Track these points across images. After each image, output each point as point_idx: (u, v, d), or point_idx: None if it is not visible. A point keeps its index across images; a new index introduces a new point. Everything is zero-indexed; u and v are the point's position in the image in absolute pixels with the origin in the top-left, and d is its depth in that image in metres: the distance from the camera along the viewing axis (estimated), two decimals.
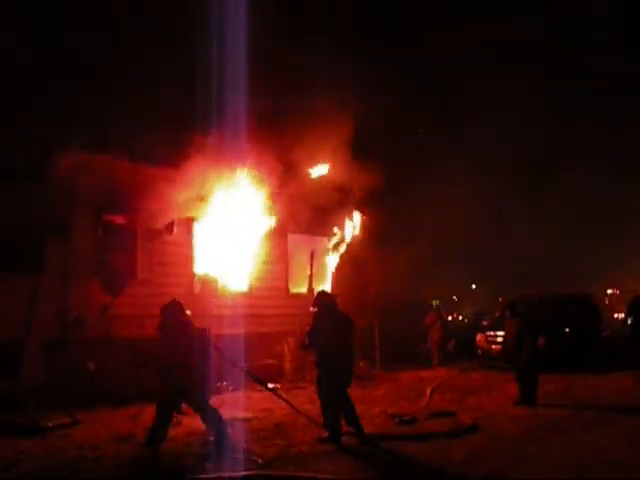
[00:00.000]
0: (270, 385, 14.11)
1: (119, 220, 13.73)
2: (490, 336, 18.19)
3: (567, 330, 17.31)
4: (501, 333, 17.56)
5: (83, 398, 11.40)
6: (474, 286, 45.39)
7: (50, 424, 9.88)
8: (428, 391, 13.42)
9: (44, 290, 11.92)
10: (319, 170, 16.03)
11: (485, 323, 22.86)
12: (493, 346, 17.85)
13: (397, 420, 10.34)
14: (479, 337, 18.93)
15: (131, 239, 13.98)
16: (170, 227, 14.08)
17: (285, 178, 15.02)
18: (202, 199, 13.88)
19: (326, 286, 18.27)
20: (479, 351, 18.71)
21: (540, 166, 41.59)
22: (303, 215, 15.71)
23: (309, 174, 15.94)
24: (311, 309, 9.77)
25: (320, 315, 9.51)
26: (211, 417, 8.82)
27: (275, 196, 14.56)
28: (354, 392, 13.41)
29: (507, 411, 11.25)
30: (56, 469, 7.70)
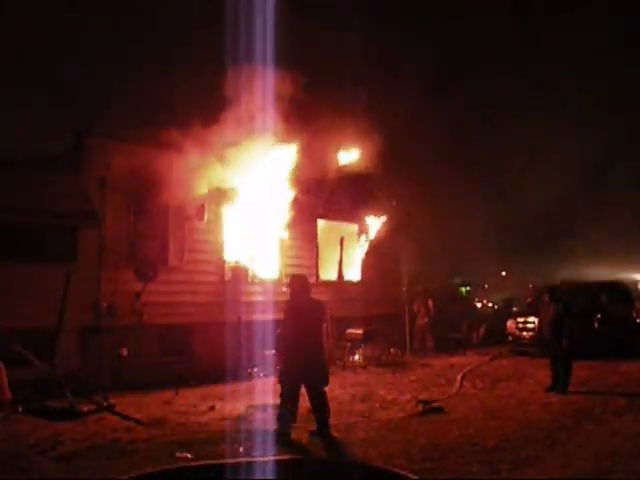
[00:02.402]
0: None
1: (150, 208, 13.81)
2: (521, 322, 18.10)
3: (600, 316, 17.16)
4: (532, 319, 17.51)
5: (116, 384, 11.55)
6: (504, 273, 45.05)
7: (86, 409, 10.03)
8: (459, 377, 13.40)
9: (77, 278, 12.05)
10: (350, 156, 15.96)
11: (515, 309, 22.76)
12: (524, 332, 17.79)
13: (422, 406, 10.31)
14: (510, 323, 18.84)
15: (162, 227, 14.09)
16: (201, 214, 14.17)
17: (315, 164, 15.00)
18: (233, 186, 13.91)
19: (356, 273, 18.31)
20: (510, 337, 18.62)
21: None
22: (333, 202, 15.73)
23: (340, 160, 15.88)
24: (284, 289, 9.30)
25: (293, 302, 8.72)
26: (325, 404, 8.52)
27: (305, 183, 14.54)
28: (385, 377, 13.58)
29: (539, 398, 11.19)
30: (93, 451, 7.83)
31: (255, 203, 14.08)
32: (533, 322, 17.47)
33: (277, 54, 12.52)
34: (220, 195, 13.98)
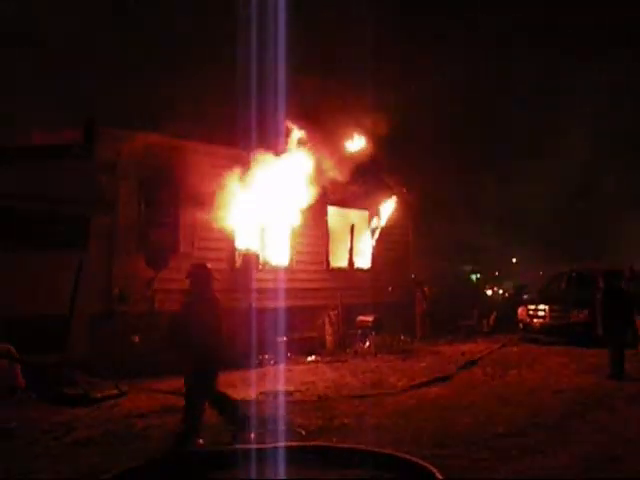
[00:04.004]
0: (312, 358, 14.31)
1: (161, 195, 13.84)
2: (532, 310, 18.07)
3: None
4: (542, 307, 17.50)
5: (129, 370, 11.63)
6: (514, 260, 44.90)
7: (99, 395, 10.11)
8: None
9: (89, 265, 12.11)
10: (360, 143, 15.94)
11: (526, 297, 22.72)
12: (535, 320, 17.77)
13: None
14: (521, 310, 18.81)
15: (173, 214, 14.11)
16: (212, 202, 14.19)
17: (326, 151, 14.99)
18: (244, 173, 13.93)
19: (366, 260, 18.32)
20: (521, 325, 18.60)
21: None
22: (343, 188, 15.72)
23: (350, 147, 15.86)
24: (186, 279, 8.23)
25: (194, 293, 8.19)
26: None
27: (316, 169, 14.53)
28: (396, 364, 13.61)
29: (549, 385, 11.20)
30: (107, 437, 7.90)
31: (266, 191, 14.09)
32: (544, 309, 17.46)
33: (290, 37, 12.55)
34: (232, 182, 13.99)
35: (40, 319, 11.29)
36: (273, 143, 14.06)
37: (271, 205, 14.34)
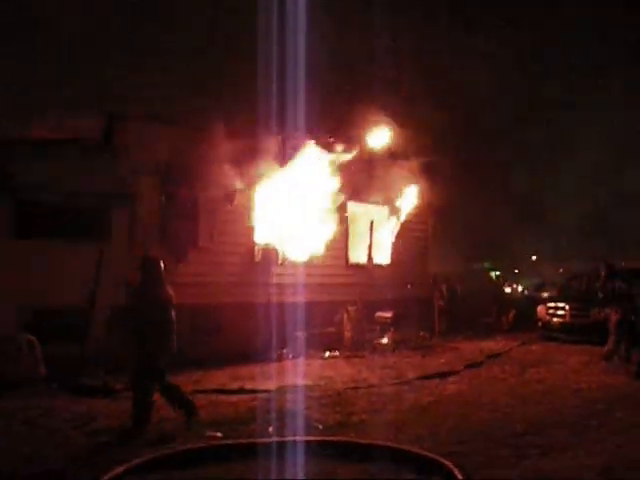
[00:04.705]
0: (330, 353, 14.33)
1: (182, 189, 13.89)
2: (552, 308, 17.96)
3: None
4: (562, 305, 17.38)
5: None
6: (534, 258, 44.69)
7: (118, 386, 10.17)
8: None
9: (109, 257, 12.18)
10: (379, 138, 15.88)
11: (545, 294, 22.59)
12: (555, 318, 17.65)
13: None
14: (540, 309, 18.70)
15: (193, 208, 14.15)
16: (231, 196, 14.21)
17: (346, 146, 14.97)
18: (263, 168, 13.93)
19: (385, 256, 18.27)
20: (540, 323, 18.49)
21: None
22: (364, 184, 15.68)
23: (369, 142, 15.81)
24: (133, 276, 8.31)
25: (142, 285, 8.07)
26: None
27: (335, 165, 14.52)
28: (414, 361, 13.59)
29: (569, 384, 11.12)
30: (125, 427, 7.94)
31: (286, 186, 14.09)
32: (564, 308, 17.33)
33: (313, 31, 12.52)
34: (251, 178, 14.01)
35: (61, 310, 11.39)
36: (294, 137, 14.04)
37: (291, 200, 14.33)
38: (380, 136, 15.81)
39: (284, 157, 14.21)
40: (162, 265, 8.15)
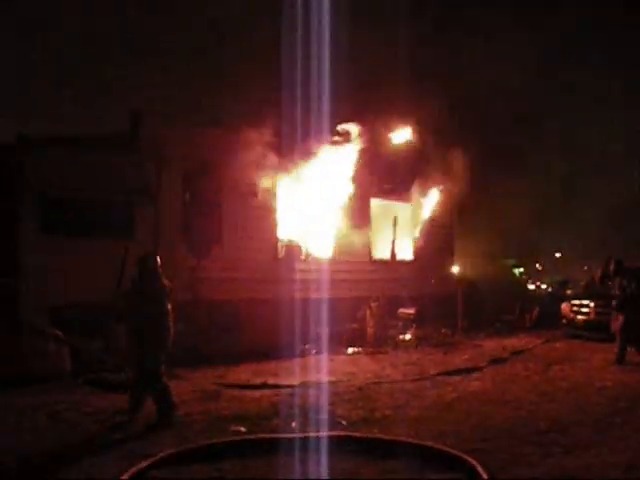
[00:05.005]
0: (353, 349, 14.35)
1: (205, 185, 13.96)
2: (576, 305, 17.81)
3: None
4: (587, 302, 17.24)
5: (170, 358, 11.76)
6: (558, 254, 44.27)
7: None
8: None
9: (134, 253, 12.26)
10: (403, 135, 15.87)
11: (569, 292, 22.40)
12: (579, 316, 17.50)
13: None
14: (564, 306, 18.55)
15: (216, 204, 14.23)
16: (255, 192, 14.26)
17: (370, 143, 14.96)
18: (287, 164, 13.97)
19: (408, 252, 18.26)
20: (564, 320, 18.35)
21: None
22: (387, 180, 15.67)
23: (393, 139, 15.81)
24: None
25: (139, 283, 8.30)
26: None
27: (359, 161, 14.52)
28: (437, 357, 13.57)
29: (593, 381, 11.04)
30: (148, 422, 8.02)
31: (309, 182, 14.12)
32: (588, 305, 17.19)
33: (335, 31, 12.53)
34: (275, 174, 14.05)
35: (87, 305, 11.50)
36: (318, 134, 14.05)
37: (315, 196, 14.37)
38: (403, 132, 15.79)
39: (307, 154, 14.23)
40: (159, 261, 8.44)
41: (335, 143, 14.44)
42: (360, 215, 16.58)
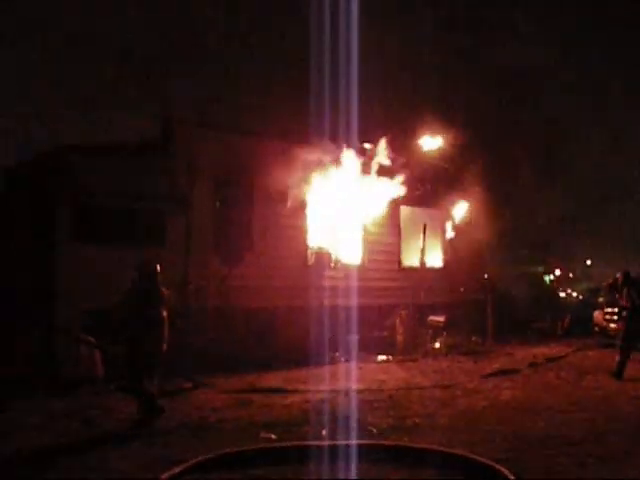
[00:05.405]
0: (382, 357, 14.31)
1: (236, 193, 14.03)
2: (609, 313, 17.60)
3: None
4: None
5: (202, 364, 11.85)
6: (589, 262, 43.81)
7: (173, 388, 10.35)
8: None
9: (166, 261, 12.36)
10: (433, 143, 15.85)
11: (601, 300, 22.14)
12: (612, 324, 17.28)
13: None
14: (597, 314, 18.37)
15: (247, 212, 14.29)
16: (285, 200, 14.31)
17: (399, 151, 14.96)
18: (318, 172, 14.01)
19: (438, 259, 18.20)
20: (596, 328, 18.15)
21: None
22: (417, 188, 15.63)
23: (423, 147, 15.79)
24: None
25: (137, 285, 8.61)
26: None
27: (389, 169, 14.51)
28: (467, 366, 13.48)
29: (627, 391, 10.91)
30: (181, 429, 8.09)
31: (339, 189, 14.14)
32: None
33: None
34: (306, 180, 14.09)
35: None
36: (347, 142, 14.07)
37: (344, 204, 14.38)
38: (435, 140, 15.77)
39: (337, 161, 14.26)
40: (158, 268, 8.66)
41: (365, 151, 14.43)
42: (390, 222, 16.56)
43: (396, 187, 14.81)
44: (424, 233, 16.89)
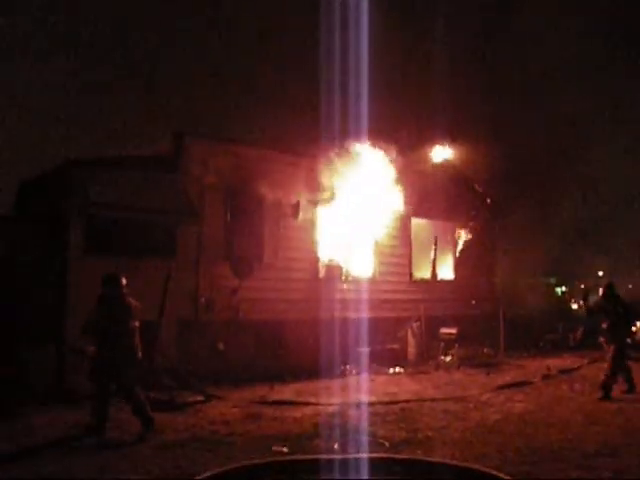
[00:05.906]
0: (394, 369, 14.26)
1: (246, 205, 14.05)
2: None
3: None
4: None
5: (213, 377, 11.85)
6: (601, 273, 43.54)
7: (185, 400, 10.34)
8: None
9: (176, 273, 12.39)
10: (444, 155, 15.86)
11: None
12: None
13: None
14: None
15: (258, 224, 14.31)
16: (296, 212, 14.33)
17: (410, 163, 14.96)
18: (327, 184, 14.02)
19: (449, 271, 18.15)
20: None
21: None
22: (428, 200, 15.61)
23: (435, 159, 15.80)
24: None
25: (104, 299, 8.67)
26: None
27: (400, 181, 14.51)
28: (479, 378, 13.40)
29: None
30: (192, 442, 8.07)
31: (349, 202, 14.14)
32: (635, 325, 16.83)
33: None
34: (315, 194, 14.12)
35: None
36: (357, 154, 14.08)
37: (355, 216, 14.37)
38: (446, 153, 15.78)
39: (347, 173, 14.26)
40: (123, 281, 8.73)
41: (375, 162, 14.43)
42: (401, 235, 16.54)
43: (407, 199, 14.80)
44: (435, 245, 16.86)
